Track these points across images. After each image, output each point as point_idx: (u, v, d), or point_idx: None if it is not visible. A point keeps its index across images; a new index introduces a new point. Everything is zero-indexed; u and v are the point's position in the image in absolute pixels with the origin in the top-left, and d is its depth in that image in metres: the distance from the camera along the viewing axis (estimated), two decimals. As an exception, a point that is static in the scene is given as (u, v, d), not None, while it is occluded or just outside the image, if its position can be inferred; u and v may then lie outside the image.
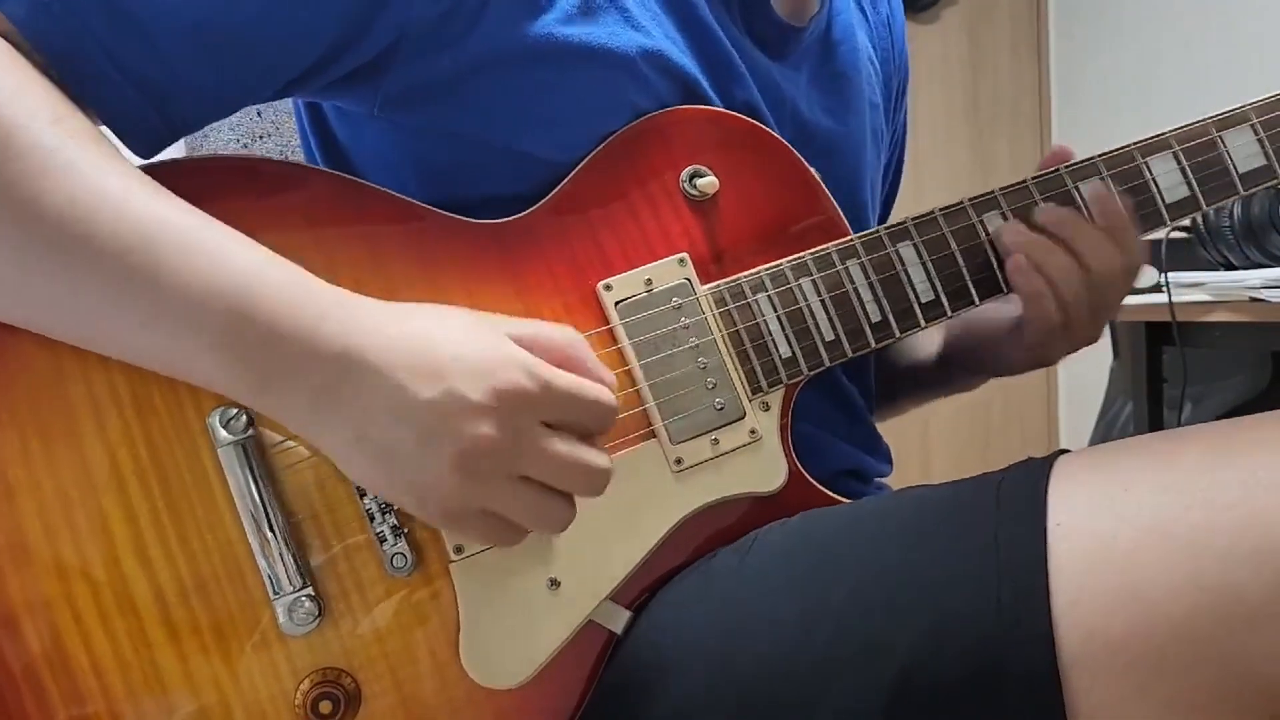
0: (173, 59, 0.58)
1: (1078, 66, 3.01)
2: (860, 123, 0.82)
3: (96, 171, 0.53)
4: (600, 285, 0.66)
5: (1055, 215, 0.71)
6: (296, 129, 0.78)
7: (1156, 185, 0.73)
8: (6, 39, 0.56)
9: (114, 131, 0.59)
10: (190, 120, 0.62)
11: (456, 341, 0.55)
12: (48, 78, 0.56)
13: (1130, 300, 1.65)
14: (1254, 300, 1.41)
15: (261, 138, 2.23)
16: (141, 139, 0.60)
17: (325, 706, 0.58)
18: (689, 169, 0.69)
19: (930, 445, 2.97)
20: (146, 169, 0.58)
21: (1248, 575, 0.48)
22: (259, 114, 2.21)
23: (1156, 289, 1.56)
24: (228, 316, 0.53)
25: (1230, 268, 1.53)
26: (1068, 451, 0.60)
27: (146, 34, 0.57)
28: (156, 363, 0.56)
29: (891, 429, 0.95)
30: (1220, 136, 0.73)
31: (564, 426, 0.56)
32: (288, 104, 0.72)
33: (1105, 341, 2.17)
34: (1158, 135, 0.74)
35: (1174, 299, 1.50)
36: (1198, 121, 0.74)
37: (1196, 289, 1.51)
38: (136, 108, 0.59)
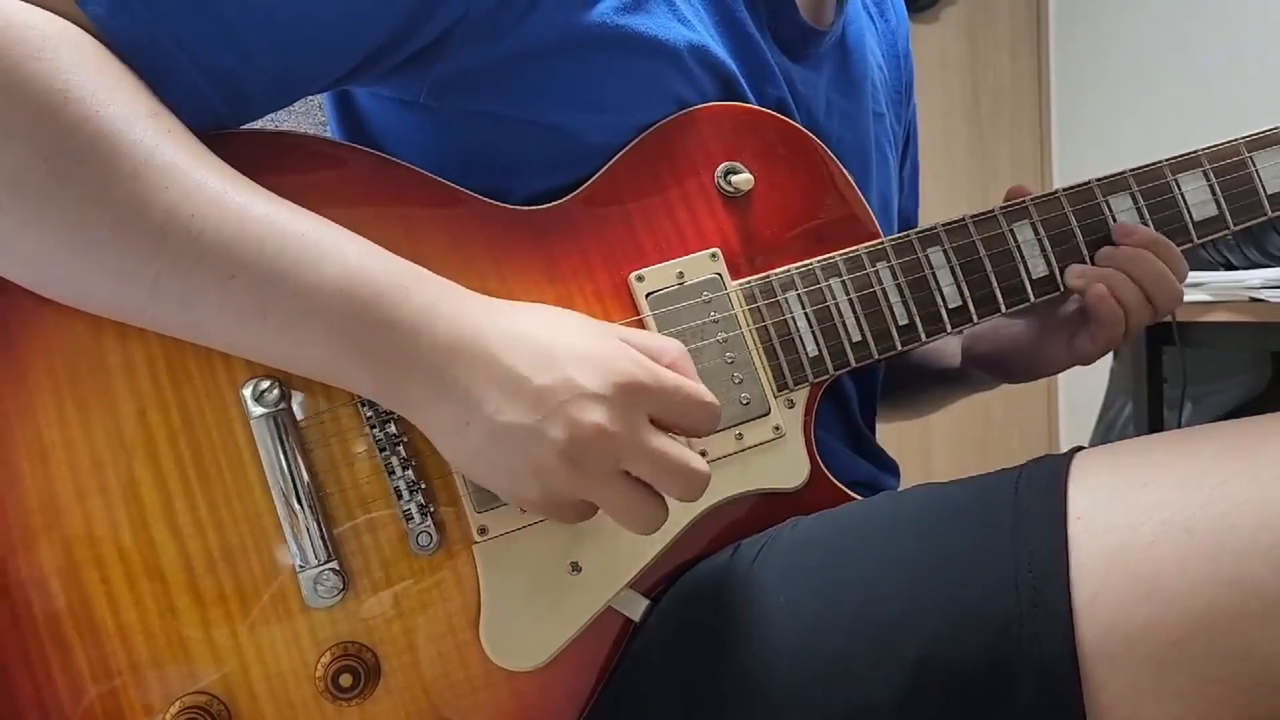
0: (247, 49, 0.58)
1: (1078, 66, 3.01)
2: (866, 129, 0.83)
3: (198, 168, 0.54)
4: (632, 275, 0.66)
5: (1127, 256, 0.74)
6: (299, 124, 0.77)
7: (1185, 202, 0.75)
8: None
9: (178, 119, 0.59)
10: (253, 109, 0.62)
11: (570, 331, 0.56)
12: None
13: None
14: (1254, 300, 1.42)
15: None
16: (203, 128, 0.59)
17: (345, 679, 0.58)
18: (724, 165, 0.69)
19: (931, 445, 2.98)
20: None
21: (1266, 570, 0.49)
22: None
23: (1156, 289, 1.56)
24: (343, 303, 0.53)
25: (1230, 268, 1.53)
26: (1083, 449, 0.60)
27: (223, 25, 0.57)
28: (269, 355, 0.56)
29: (892, 429, 0.95)
30: (1251, 157, 0.75)
31: (668, 426, 0.56)
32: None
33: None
34: (1188, 153, 0.75)
35: (1174, 299, 1.50)
36: (1229, 141, 0.76)
37: (1196, 289, 1.51)
38: (204, 97, 0.58)
